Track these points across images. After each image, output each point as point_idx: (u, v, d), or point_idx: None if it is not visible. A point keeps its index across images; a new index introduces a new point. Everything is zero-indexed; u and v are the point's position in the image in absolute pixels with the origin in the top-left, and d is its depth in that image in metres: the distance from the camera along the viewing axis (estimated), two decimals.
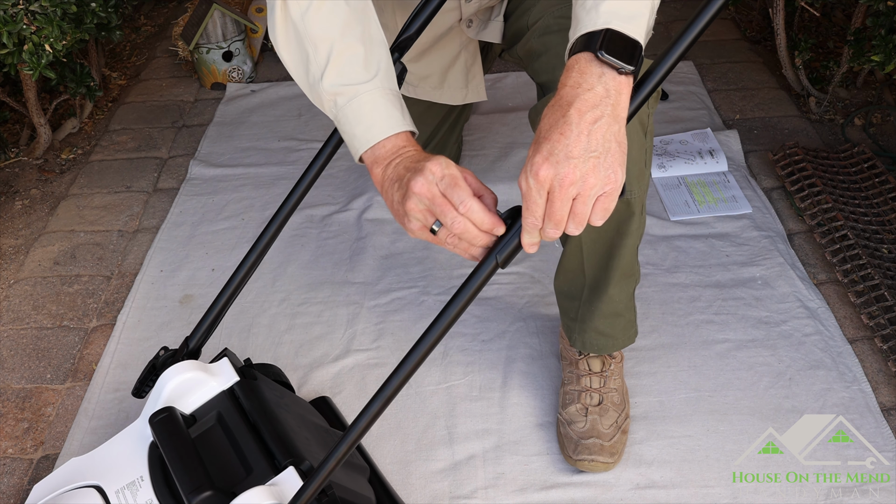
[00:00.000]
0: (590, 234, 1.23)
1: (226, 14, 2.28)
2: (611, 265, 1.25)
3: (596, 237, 1.23)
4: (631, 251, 1.25)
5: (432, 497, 1.30)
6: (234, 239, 1.83)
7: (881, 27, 1.74)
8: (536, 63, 1.31)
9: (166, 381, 1.15)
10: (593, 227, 1.20)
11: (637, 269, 1.31)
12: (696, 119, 2.13)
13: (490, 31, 1.47)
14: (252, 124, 2.23)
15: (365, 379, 1.49)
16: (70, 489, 1.15)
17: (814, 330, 1.52)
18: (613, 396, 1.35)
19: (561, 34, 1.22)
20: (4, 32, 1.57)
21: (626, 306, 1.32)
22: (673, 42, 0.84)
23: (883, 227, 1.69)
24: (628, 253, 1.24)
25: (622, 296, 1.30)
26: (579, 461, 1.28)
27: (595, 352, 1.35)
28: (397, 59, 1.09)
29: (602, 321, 1.31)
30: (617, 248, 1.23)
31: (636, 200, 1.19)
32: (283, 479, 1.04)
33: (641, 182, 1.18)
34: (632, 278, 1.30)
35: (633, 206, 1.19)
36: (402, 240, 1.80)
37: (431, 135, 1.74)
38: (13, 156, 2.13)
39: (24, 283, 1.75)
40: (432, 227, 0.91)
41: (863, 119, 2.08)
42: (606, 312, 1.30)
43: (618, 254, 1.24)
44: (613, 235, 1.22)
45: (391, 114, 0.98)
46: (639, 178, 1.17)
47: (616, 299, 1.29)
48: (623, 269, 1.26)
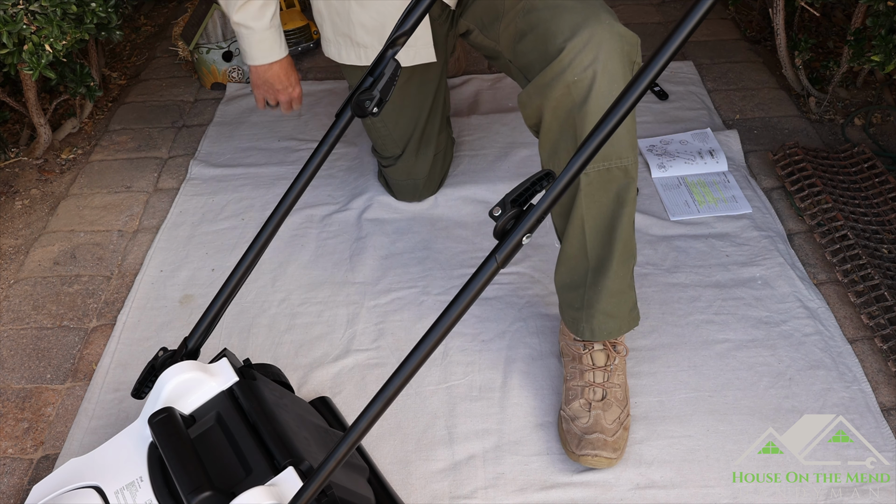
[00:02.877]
0: (591, 211, 1.27)
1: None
2: (613, 238, 1.27)
3: (597, 212, 1.27)
4: (629, 221, 1.28)
5: (432, 497, 1.30)
6: (234, 239, 1.83)
7: (881, 27, 1.74)
8: (521, 44, 1.31)
9: (165, 381, 1.14)
10: (595, 203, 1.24)
11: (634, 246, 1.33)
12: (696, 119, 2.13)
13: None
14: (252, 124, 2.23)
15: (365, 379, 1.49)
16: (69, 489, 1.15)
17: (814, 330, 1.52)
18: (617, 392, 1.35)
19: (547, 11, 1.23)
20: (4, 32, 1.57)
21: (628, 284, 1.35)
22: (667, 36, 0.85)
23: (883, 227, 1.69)
24: (628, 223, 1.27)
25: (624, 271, 1.32)
26: (583, 456, 1.28)
27: (604, 337, 1.35)
28: (392, 56, 1.09)
29: (609, 301, 1.32)
30: (618, 218, 1.26)
31: (632, 167, 1.25)
32: (283, 479, 1.04)
33: (634, 150, 1.24)
34: (631, 256, 1.33)
35: (630, 173, 1.24)
36: (402, 240, 1.80)
37: (413, 128, 1.74)
38: (13, 156, 2.13)
39: (24, 283, 1.75)
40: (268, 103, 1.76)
41: (863, 119, 2.08)
42: (613, 290, 1.31)
43: (619, 225, 1.26)
44: (615, 205, 1.25)
45: (272, 48, 1.63)
46: (632, 145, 1.23)
47: (620, 274, 1.31)
48: (624, 241, 1.28)
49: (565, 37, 1.19)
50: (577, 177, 0.91)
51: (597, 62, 1.16)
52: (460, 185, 1.92)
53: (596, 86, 1.17)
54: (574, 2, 1.23)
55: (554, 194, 0.91)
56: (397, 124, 1.73)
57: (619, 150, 1.22)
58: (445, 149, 1.87)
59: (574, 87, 1.18)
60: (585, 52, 1.16)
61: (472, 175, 1.95)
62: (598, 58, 1.16)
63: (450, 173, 1.95)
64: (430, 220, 1.85)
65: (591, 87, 1.17)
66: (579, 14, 1.20)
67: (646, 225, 1.78)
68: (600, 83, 1.16)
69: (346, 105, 1.16)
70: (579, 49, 1.16)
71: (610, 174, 1.23)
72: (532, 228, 0.91)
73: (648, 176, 1.93)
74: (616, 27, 1.18)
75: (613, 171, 1.23)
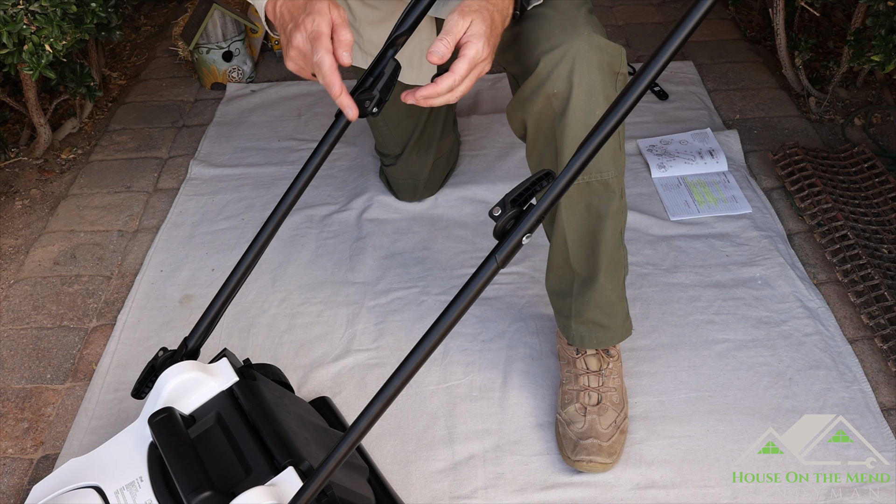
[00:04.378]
0: (572, 224, 1.25)
1: (226, 14, 2.28)
2: (597, 252, 1.26)
3: (578, 225, 1.25)
4: (614, 235, 1.27)
5: (432, 497, 1.30)
6: (234, 239, 1.83)
7: (881, 27, 1.74)
8: (507, 53, 1.30)
9: (165, 381, 1.14)
10: (575, 216, 1.23)
11: (624, 258, 1.32)
12: (696, 119, 2.13)
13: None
14: (252, 124, 2.23)
15: (365, 379, 1.49)
16: (69, 489, 1.15)
17: (814, 330, 1.52)
18: (612, 396, 1.35)
19: (529, 21, 1.22)
20: (4, 32, 1.57)
21: (618, 297, 1.33)
22: (667, 36, 0.85)
23: (883, 227, 1.69)
24: (612, 237, 1.26)
25: (613, 284, 1.31)
26: (577, 461, 1.28)
27: (593, 346, 1.35)
28: (392, 56, 1.09)
29: (596, 312, 1.31)
30: (599, 232, 1.25)
31: (614, 181, 1.23)
32: (283, 479, 1.04)
33: (617, 163, 1.22)
34: (620, 268, 1.31)
35: (611, 187, 1.23)
36: (402, 240, 1.80)
37: (413, 129, 1.73)
38: (13, 156, 2.13)
39: (24, 283, 1.75)
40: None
41: (863, 119, 2.08)
42: (600, 302, 1.30)
43: (601, 238, 1.25)
44: (595, 220, 1.24)
45: None
46: (614, 159, 1.21)
47: (608, 288, 1.30)
48: (609, 254, 1.27)
49: (542, 49, 1.18)
50: (577, 176, 0.91)
51: (573, 74, 1.14)
52: (460, 185, 1.92)
53: (573, 98, 1.15)
54: (555, 12, 1.20)
55: (554, 194, 0.91)
56: (399, 125, 1.73)
57: (598, 164, 1.20)
58: (449, 152, 1.87)
59: (554, 98, 1.17)
60: (562, 64, 1.15)
61: (472, 175, 1.95)
62: (574, 70, 1.15)
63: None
64: (430, 220, 1.85)
65: (569, 99, 1.16)
66: (557, 25, 1.18)
67: (646, 225, 1.78)
68: (577, 95, 1.15)
69: None
70: (556, 61, 1.15)
71: (590, 188, 1.22)
72: (532, 228, 0.91)
73: (648, 176, 1.93)
74: (595, 38, 1.16)
75: (593, 184, 1.22)
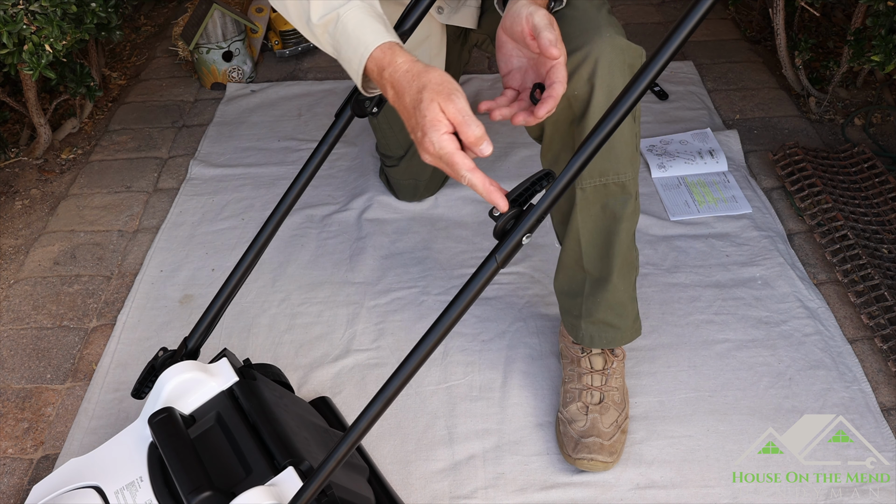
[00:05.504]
0: (587, 225, 1.25)
1: (226, 14, 2.28)
2: (610, 253, 1.26)
3: (593, 226, 1.25)
4: (628, 236, 1.27)
5: (432, 497, 1.30)
6: (234, 239, 1.83)
7: (881, 27, 1.74)
8: None
9: (165, 381, 1.14)
10: (590, 217, 1.23)
11: (636, 258, 1.32)
12: (696, 119, 2.13)
13: (462, 16, 1.44)
14: (252, 124, 2.23)
15: (365, 379, 1.49)
16: (69, 489, 1.15)
17: (814, 330, 1.52)
18: (614, 395, 1.35)
19: None
20: (4, 32, 1.57)
21: (629, 297, 1.33)
22: (667, 36, 0.85)
23: (883, 227, 1.69)
24: (626, 238, 1.26)
25: (625, 285, 1.31)
26: (578, 460, 1.28)
27: (603, 345, 1.35)
28: None
29: (608, 312, 1.31)
30: (614, 233, 1.25)
31: (630, 182, 1.23)
32: (283, 479, 1.04)
33: (634, 165, 1.23)
34: (632, 268, 1.31)
35: (628, 189, 1.23)
36: (402, 240, 1.80)
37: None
38: (13, 156, 2.13)
39: (24, 283, 1.75)
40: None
41: (863, 119, 2.08)
42: (612, 302, 1.31)
43: (616, 240, 1.25)
44: (610, 221, 1.23)
45: (375, 28, 1.01)
46: (631, 160, 1.22)
47: (620, 288, 1.30)
48: (623, 255, 1.27)
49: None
50: (577, 176, 0.91)
51: (595, 76, 1.14)
52: (460, 186, 1.92)
53: (594, 100, 1.15)
54: (577, 12, 1.21)
55: (554, 194, 0.91)
56: (402, 128, 1.72)
57: (616, 166, 1.20)
58: None
59: (574, 100, 1.17)
60: (584, 66, 1.14)
61: None
62: (596, 72, 1.14)
63: None
64: (430, 220, 1.85)
65: (590, 101, 1.15)
66: (579, 27, 1.18)
67: (646, 225, 1.78)
68: (597, 97, 1.15)
69: (346, 105, 1.16)
70: (578, 63, 1.15)
71: (606, 189, 1.22)
72: (532, 228, 0.91)
73: (648, 176, 1.93)
74: (617, 40, 1.16)
75: (610, 186, 1.22)
